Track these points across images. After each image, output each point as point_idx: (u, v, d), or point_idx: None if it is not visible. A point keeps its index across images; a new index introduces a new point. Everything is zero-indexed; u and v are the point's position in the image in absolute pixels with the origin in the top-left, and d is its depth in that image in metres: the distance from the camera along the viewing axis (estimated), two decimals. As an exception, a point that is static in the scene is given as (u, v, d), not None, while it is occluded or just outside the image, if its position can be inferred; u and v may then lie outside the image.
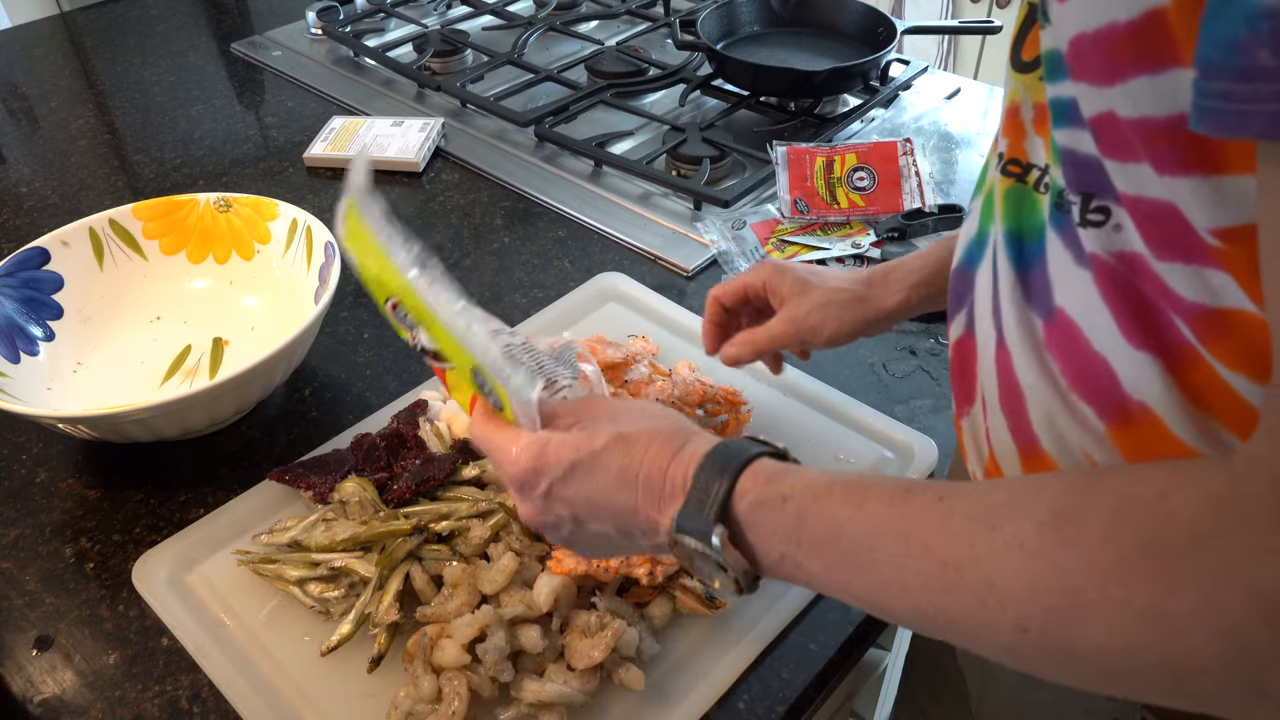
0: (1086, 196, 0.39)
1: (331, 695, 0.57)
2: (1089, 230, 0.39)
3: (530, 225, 1.01)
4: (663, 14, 1.41)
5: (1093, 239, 0.39)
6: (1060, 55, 0.37)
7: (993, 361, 0.48)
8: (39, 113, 1.26)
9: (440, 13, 1.46)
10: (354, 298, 0.91)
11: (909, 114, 1.17)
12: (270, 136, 1.19)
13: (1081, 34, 0.34)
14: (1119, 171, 0.36)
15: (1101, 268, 0.39)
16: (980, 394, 0.50)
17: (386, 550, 0.61)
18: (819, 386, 0.78)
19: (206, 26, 1.49)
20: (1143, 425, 0.40)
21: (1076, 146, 0.38)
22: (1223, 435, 0.38)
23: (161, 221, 0.87)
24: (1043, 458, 0.45)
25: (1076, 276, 0.41)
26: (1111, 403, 0.41)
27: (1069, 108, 0.38)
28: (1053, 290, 0.42)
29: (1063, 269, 0.42)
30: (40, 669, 0.61)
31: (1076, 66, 0.36)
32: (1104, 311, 0.40)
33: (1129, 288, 0.38)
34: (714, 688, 0.58)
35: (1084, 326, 0.41)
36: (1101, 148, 0.36)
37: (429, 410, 0.73)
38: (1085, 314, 0.41)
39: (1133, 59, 0.33)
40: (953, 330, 0.53)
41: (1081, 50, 0.35)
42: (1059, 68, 0.38)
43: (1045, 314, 0.43)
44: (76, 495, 0.72)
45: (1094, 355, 0.41)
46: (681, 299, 0.89)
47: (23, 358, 0.77)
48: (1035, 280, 0.44)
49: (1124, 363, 0.40)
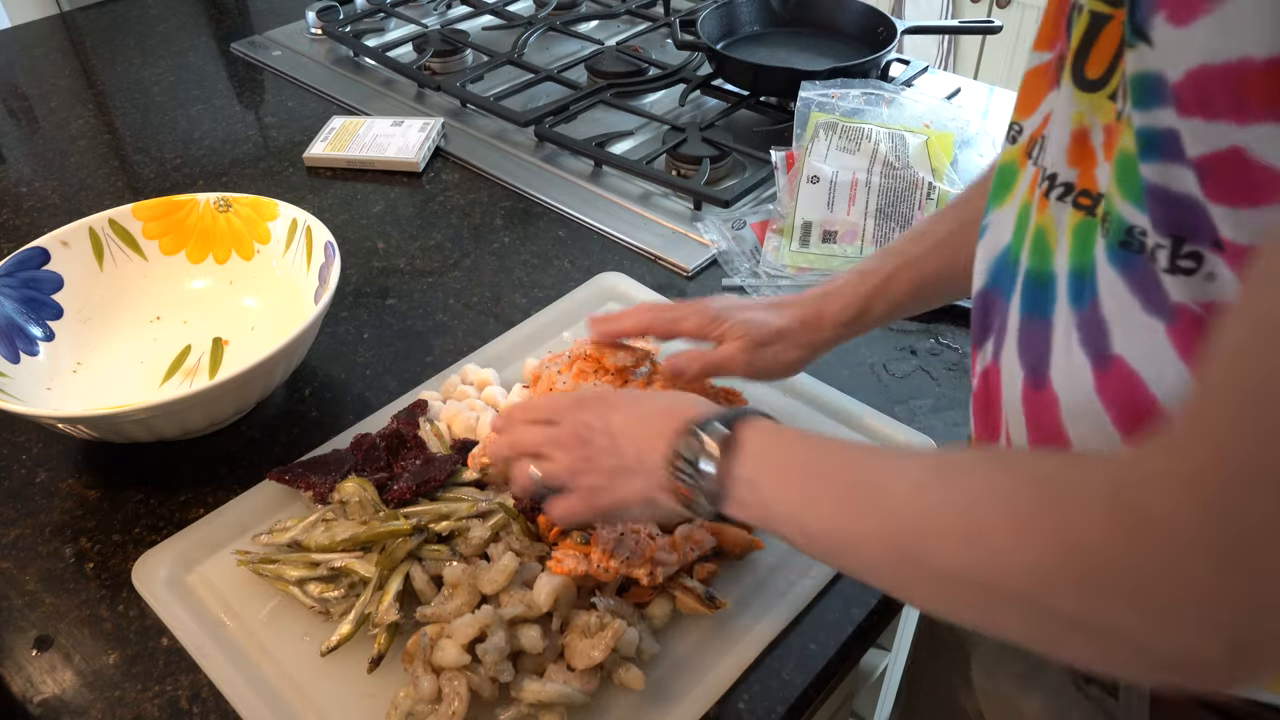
0: (1178, 240, 0.35)
1: (331, 695, 0.57)
2: (1178, 277, 0.36)
3: (530, 225, 1.01)
4: (663, 14, 1.41)
5: (1180, 287, 0.36)
6: (1164, 83, 0.33)
7: (1020, 402, 0.46)
8: (39, 113, 1.26)
9: (440, 13, 1.46)
10: (354, 298, 0.91)
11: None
12: (270, 136, 1.19)
13: (1206, 66, 0.31)
14: (1228, 217, 0.33)
15: (1189, 319, 0.36)
16: (1005, 432, 0.48)
17: (386, 550, 0.61)
18: (819, 386, 0.78)
19: (206, 26, 1.49)
20: None
21: (1170, 184, 0.35)
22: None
23: (161, 221, 0.87)
24: None
25: (1144, 324, 0.38)
26: None
27: (1166, 141, 0.34)
28: (1109, 335, 0.40)
29: (1125, 313, 0.39)
30: (40, 669, 0.61)
31: (1191, 100, 0.32)
32: (1179, 366, 0.37)
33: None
34: (714, 688, 0.58)
35: (1148, 379, 0.38)
36: (1208, 190, 0.33)
37: (429, 410, 0.73)
38: (1153, 365, 0.38)
39: (1266, 100, 0.30)
40: (979, 359, 0.51)
41: (1203, 84, 0.32)
42: (1158, 96, 0.34)
43: (1098, 360, 0.40)
44: (76, 495, 0.72)
45: (1159, 411, 0.38)
46: (681, 299, 0.89)
47: (23, 358, 0.77)
48: (1086, 320, 0.41)
49: None
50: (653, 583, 0.59)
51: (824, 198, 0.94)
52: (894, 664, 0.98)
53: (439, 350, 0.84)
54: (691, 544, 0.61)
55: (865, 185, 0.94)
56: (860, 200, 0.94)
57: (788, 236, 0.93)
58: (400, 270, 0.95)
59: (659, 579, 0.59)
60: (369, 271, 0.95)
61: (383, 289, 0.92)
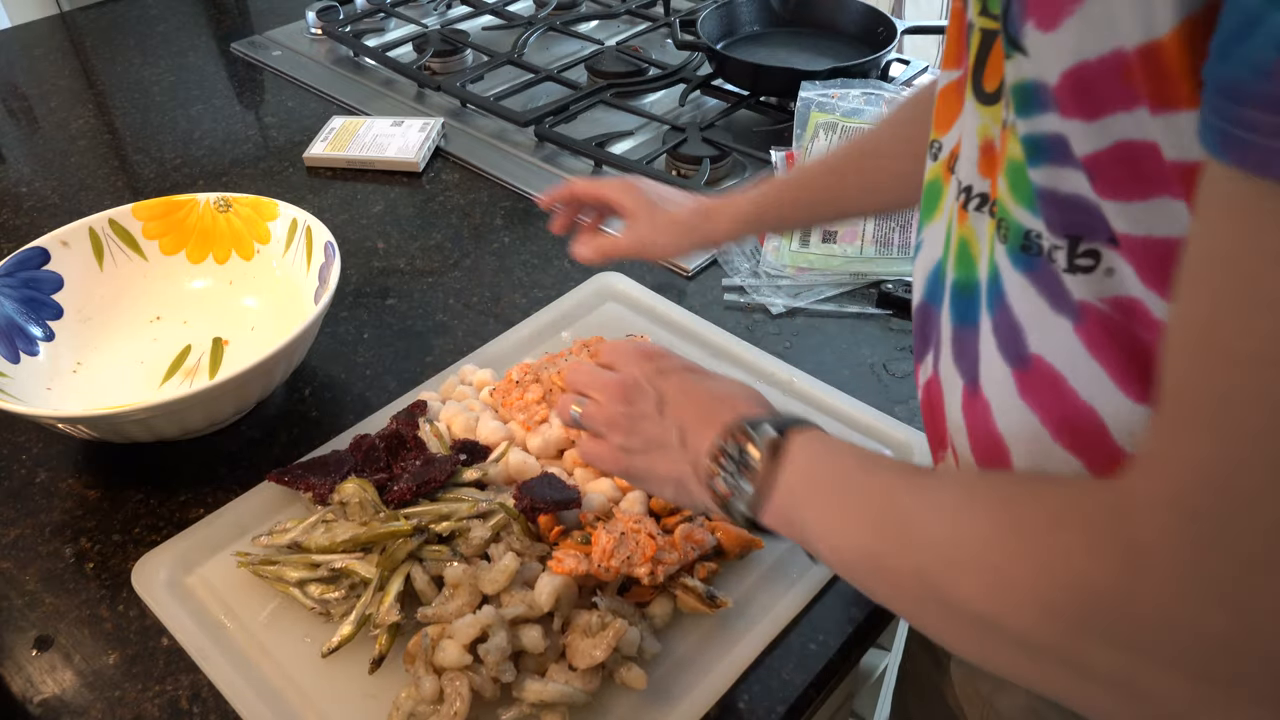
0: (1074, 240, 0.36)
1: (333, 696, 0.57)
2: (1077, 276, 0.37)
3: (530, 225, 1.01)
4: (663, 14, 1.41)
5: (1082, 285, 0.37)
6: (1044, 88, 0.34)
7: (960, 411, 0.46)
8: (39, 113, 1.26)
9: (440, 13, 1.46)
10: (354, 298, 0.91)
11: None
12: (270, 136, 1.19)
13: (1083, 64, 0.32)
14: (1120, 212, 0.34)
15: (1094, 316, 0.37)
16: (950, 442, 0.48)
17: (387, 551, 0.61)
18: (819, 386, 0.78)
19: (206, 26, 1.49)
20: None
21: (1059, 186, 0.36)
22: None
23: (161, 221, 0.87)
24: None
25: (1054, 323, 0.38)
26: (1102, 455, 0.39)
27: (1052, 145, 0.35)
28: (1024, 337, 0.40)
29: (1035, 315, 0.39)
30: (40, 669, 0.61)
31: (1071, 101, 0.33)
32: (1091, 362, 0.38)
33: (1125, 336, 0.36)
34: (715, 687, 0.58)
35: (1067, 376, 0.39)
36: (1098, 187, 0.34)
37: (428, 411, 0.73)
38: (1068, 362, 0.39)
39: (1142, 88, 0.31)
40: (920, 372, 0.52)
41: (1080, 83, 0.32)
42: (1039, 102, 0.35)
43: (1018, 362, 0.41)
44: (76, 495, 0.72)
45: (1080, 406, 0.39)
46: (681, 299, 0.89)
47: (23, 358, 0.77)
48: (1000, 325, 0.42)
49: (1117, 415, 0.38)
50: (654, 582, 0.59)
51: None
52: (894, 664, 0.97)
53: (439, 350, 0.84)
54: (692, 543, 0.61)
55: (865, 185, 0.94)
56: (860, 200, 0.93)
57: (788, 237, 0.93)
58: (400, 270, 0.95)
59: (660, 578, 0.59)
60: (369, 271, 0.95)
61: (383, 289, 0.92)
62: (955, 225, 0.45)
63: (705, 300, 0.89)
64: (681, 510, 0.64)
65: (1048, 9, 0.32)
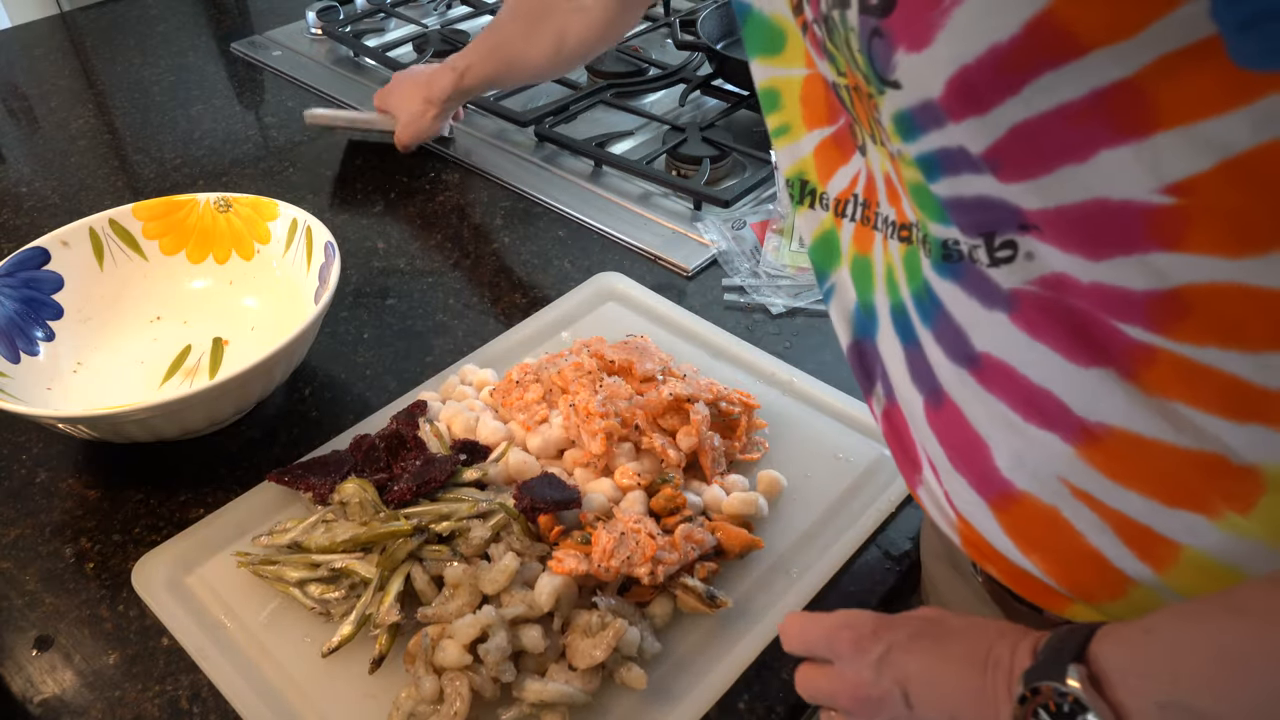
0: (988, 236, 0.38)
1: (333, 696, 0.57)
2: (1001, 268, 0.38)
3: (530, 225, 1.01)
4: (663, 14, 1.41)
5: (1008, 275, 0.39)
6: (927, 107, 0.36)
7: (926, 425, 0.47)
8: (39, 113, 1.26)
9: (440, 13, 1.46)
10: (354, 298, 0.91)
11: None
12: (270, 136, 1.19)
13: (964, 67, 0.34)
14: (1031, 191, 0.35)
15: (1027, 300, 0.39)
16: (925, 459, 0.49)
17: (387, 551, 0.61)
18: (819, 386, 0.78)
19: (206, 26, 1.49)
20: (1107, 441, 0.39)
21: (962, 192, 0.38)
22: (1192, 417, 0.37)
23: (161, 221, 0.87)
24: (1019, 498, 0.43)
25: (990, 320, 0.40)
26: (1070, 427, 0.40)
27: (944, 157, 0.37)
28: (968, 338, 0.42)
29: (971, 316, 0.41)
30: (40, 669, 0.61)
31: (960, 104, 0.35)
32: (1034, 346, 0.39)
33: (1062, 310, 0.38)
34: (715, 687, 0.58)
35: (1016, 365, 0.40)
36: (1004, 175, 0.36)
37: (428, 411, 0.73)
38: (1013, 352, 0.40)
39: (1031, 66, 0.33)
40: (874, 405, 0.53)
41: (965, 83, 0.34)
42: (921, 123, 0.37)
43: (968, 362, 0.42)
44: (76, 495, 0.72)
45: (1035, 389, 0.40)
46: (681, 299, 0.89)
47: (23, 358, 0.77)
48: (943, 333, 0.43)
49: (1072, 388, 0.39)
50: (654, 582, 0.59)
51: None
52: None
53: (439, 350, 0.84)
54: (692, 543, 0.61)
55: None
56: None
57: (788, 236, 0.93)
58: (400, 270, 0.95)
59: (660, 578, 0.59)
60: (369, 271, 0.95)
61: (383, 289, 0.92)
62: (882, 255, 0.47)
63: (705, 300, 0.89)
64: (682, 510, 0.64)
65: (915, 31, 0.34)
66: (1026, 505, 0.43)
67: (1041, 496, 0.42)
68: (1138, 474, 0.39)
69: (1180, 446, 0.37)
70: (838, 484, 0.70)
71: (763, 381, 0.79)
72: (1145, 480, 0.39)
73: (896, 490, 0.70)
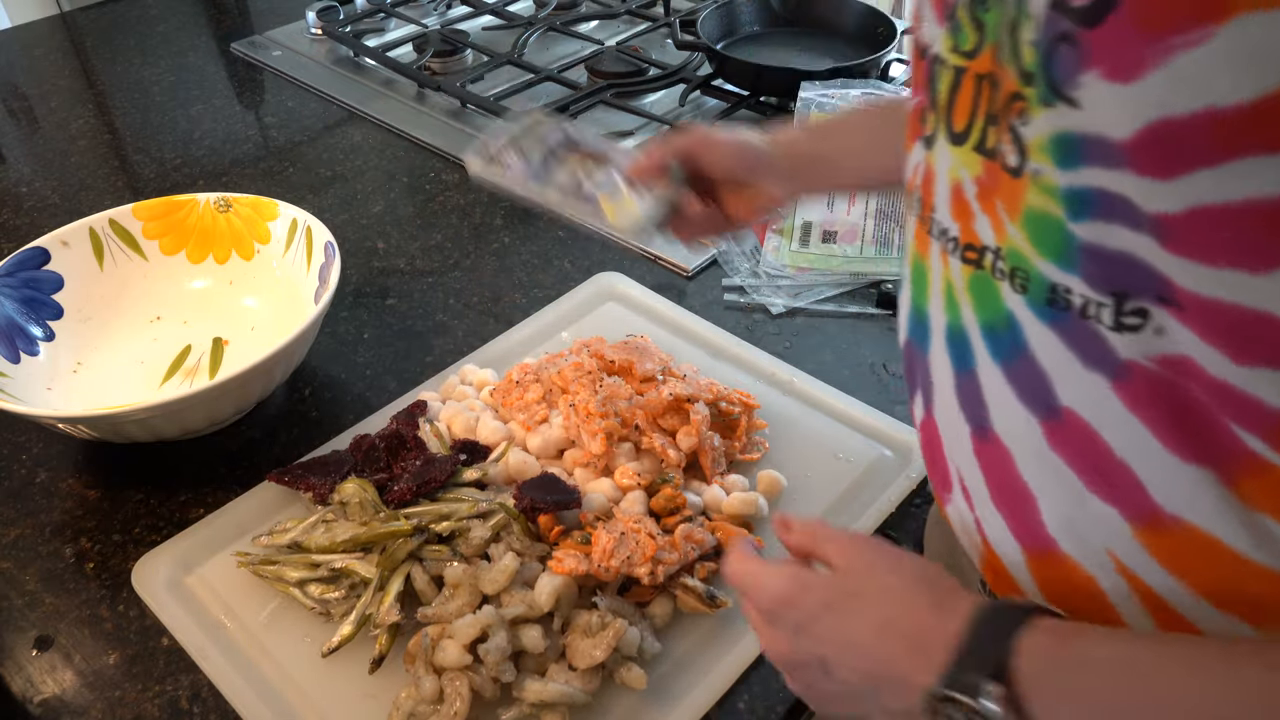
0: (1120, 296, 0.34)
1: (333, 696, 0.57)
2: (1124, 334, 0.34)
3: (530, 225, 1.01)
4: (663, 14, 1.41)
5: (1130, 343, 0.34)
6: (1103, 143, 0.32)
7: (972, 455, 0.44)
8: (39, 113, 1.26)
9: (440, 13, 1.46)
10: (354, 298, 0.91)
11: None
12: (270, 136, 1.19)
13: (1168, 119, 0.29)
14: (1193, 273, 0.31)
15: (1141, 374, 0.35)
16: (958, 483, 0.46)
17: (387, 551, 0.61)
18: (819, 386, 0.78)
19: (206, 26, 1.49)
20: (1175, 532, 0.36)
21: (1107, 242, 0.33)
22: (1276, 532, 0.34)
23: (161, 221, 0.87)
24: (1059, 559, 0.41)
25: (1086, 379, 0.36)
26: (1141, 509, 0.37)
27: (1102, 200, 0.33)
28: (1053, 388, 0.38)
29: (1064, 368, 0.37)
30: (40, 669, 0.61)
31: (1149, 158, 0.30)
32: (1131, 421, 0.36)
33: (1177, 396, 0.34)
34: (715, 687, 0.58)
35: (1102, 431, 0.37)
36: (1171, 245, 0.31)
37: (428, 411, 0.73)
38: (1104, 419, 0.37)
39: (1243, 144, 0.29)
40: (915, 409, 0.50)
41: (1163, 138, 0.30)
42: (1087, 155, 0.32)
43: (1045, 413, 0.39)
44: (76, 495, 0.72)
45: (1115, 462, 0.37)
46: (681, 299, 0.89)
47: (23, 358, 0.77)
48: (1020, 374, 0.39)
49: (1160, 475, 0.36)
50: (654, 582, 0.59)
51: (824, 198, 0.94)
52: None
53: (439, 350, 0.84)
54: (692, 543, 0.61)
55: (865, 185, 0.94)
56: (860, 200, 0.94)
57: (788, 236, 0.93)
58: (400, 270, 0.95)
59: (660, 578, 0.59)
60: (369, 271, 0.95)
61: (383, 289, 0.92)
62: (939, 268, 0.43)
63: (705, 300, 0.89)
64: (682, 510, 0.64)
65: (1123, 58, 0.30)
66: (1065, 567, 0.41)
67: (1083, 564, 0.40)
68: (1197, 571, 0.37)
69: (1255, 560, 0.35)
70: (838, 484, 0.70)
71: (763, 381, 0.79)
72: (1203, 579, 0.37)
73: (897, 490, 0.70)
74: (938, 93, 0.40)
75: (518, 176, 0.69)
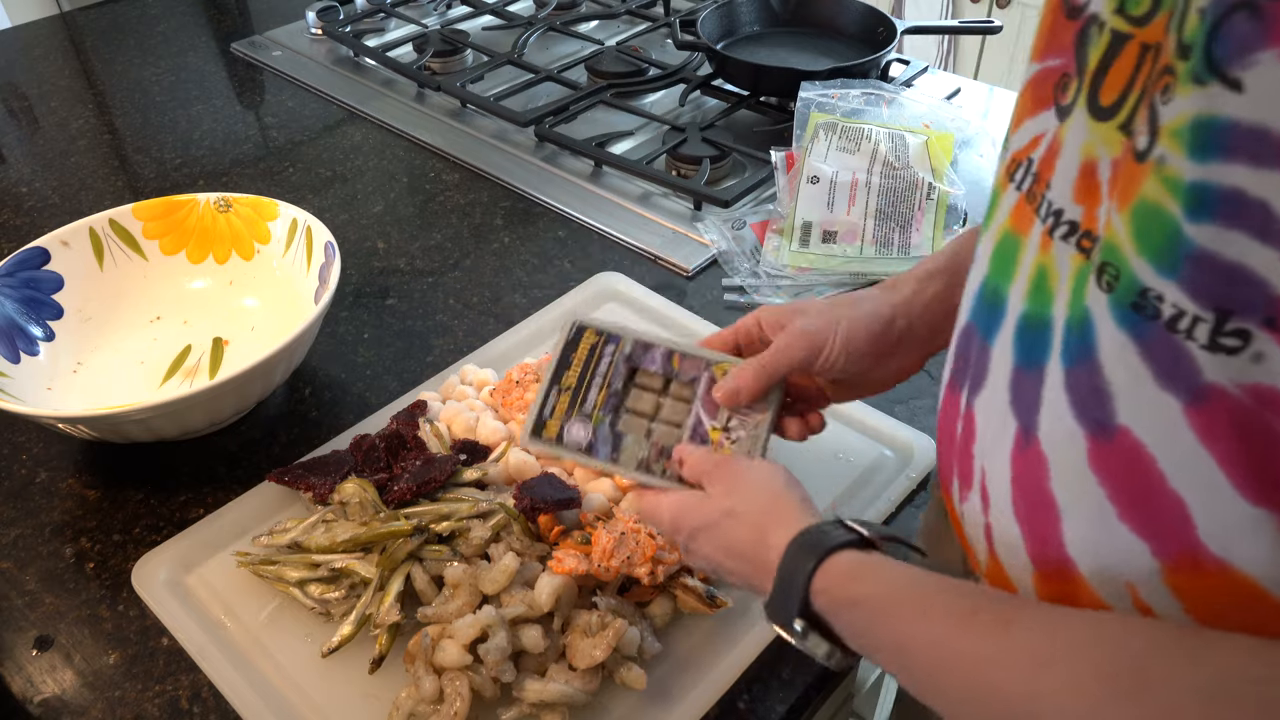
0: (1222, 314, 0.30)
1: (333, 696, 0.57)
2: (1218, 355, 0.30)
3: (530, 225, 1.01)
4: (663, 14, 1.41)
5: (1220, 366, 0.31)
6: (1259, 136, 0.28)
7: (1007, 457, 0.41)
8: (39, 113, 1.26)
9: (440, 13, 1.46)
10: (354, 298, 0.91)
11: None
12: (270, 136, 1.19)
13: None
14: None
15: (1223, 401, 0.31)
16: (979, 483, 0.44)
17: (387, 551, 0.61)
18: (819, 386, 0.78)
19: (206, 26, 1.49)
20: (1215, 577, 0.34)
21: (1223, 250, 0.29)
22: None
23: (161, 221, 0.87)
24: (1073, 580, 0.39)
25: (1156, 398, 0.33)
26: (1177, 547, 0.34)
27: (1230, 201, 0.29)
28: (1112, 403, 0.35)
29: (1134, 383, 0.33)
30: (40, 669, 0.61)
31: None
32: (1198, 450, 0.32)
33: (1259, 431, 0.31)
34: (715, 687, 0.58)
35: (1159, 458, 0.34)
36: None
37: (428, 411, 0.73)
38: (1165, 445, 0.33)
39: None
40: (957, 397, 0.46)
41: None
42: (1234, 149, 0.28)
43: (1096, 428, 0.36)
44: (76, 495, 0.72)
45: (1166, 491, 0.34)
46: (681, 299, 0.89)
47: (23, 358, 0.77)
48: (1079, 381, 0.36)
49: (1216, 512, 0.33)
50: (654, 582, 0.59)
51: (824, 198, 0.94)
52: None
53: (439, 350, 0.84)
54: (692, 544, 0.61)
55: (865, 185, 0.94)
56: (860, 200, 0.94)
57: (788, 236, 0.93)
58: (400, 270, 0.95)
59: (660, 578, 0.59)
60: (369, 271, 0.95)
61: (383, 289, 0.92)
62: (1036, 250, 0.39)
63: (705, 300, 0.89)
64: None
65: None
66: (1076, 588, 0.39)
67: (1098, 591, 0.38)
68: (1225, 619, 0.34)
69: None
70: (838, 484, 0.70)
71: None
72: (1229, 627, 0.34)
73: (896, 490, 0.70)
74: (1086, 58, 0.35)
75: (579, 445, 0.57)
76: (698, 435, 0.56)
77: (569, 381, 0.58)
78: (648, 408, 0.58)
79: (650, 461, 0.56)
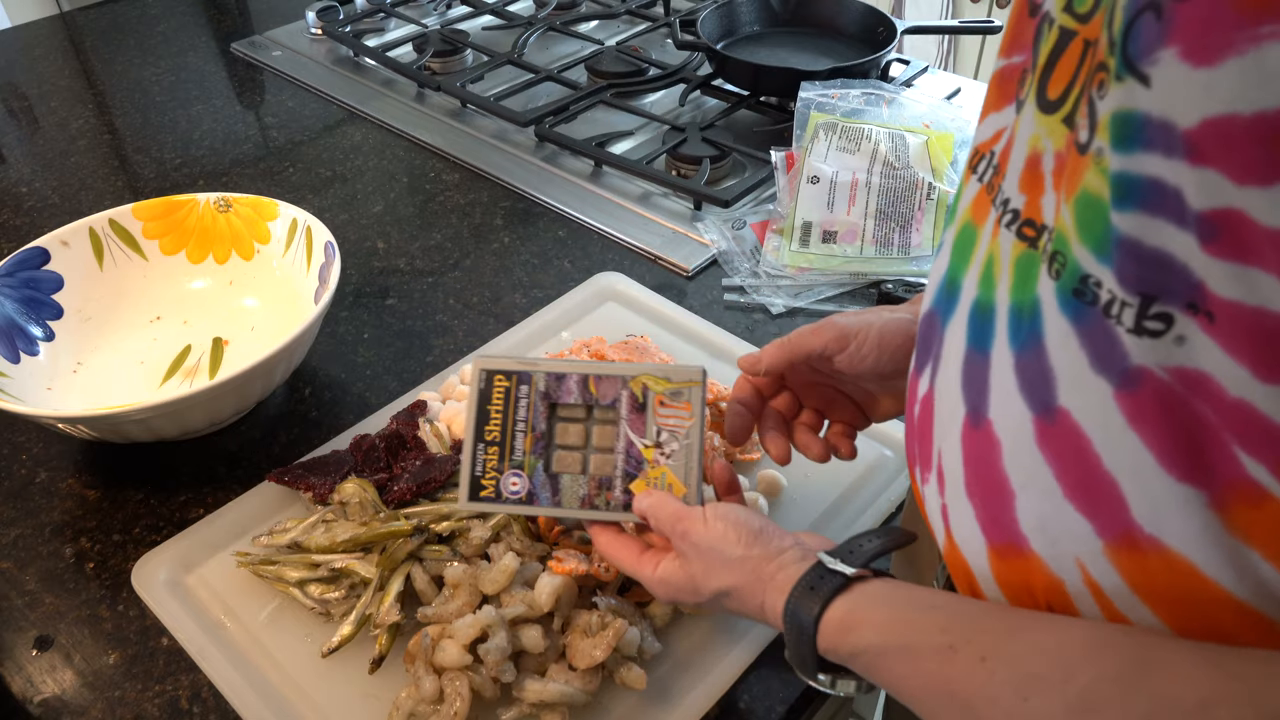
0: (1147, 299, 0.31)
1: (333, 696, 0.57)
2: (1142, 339, 0.32)
3: (530, 225, 1.01)
4: (663, 14, 1.41)
5: (1146, 350, 0.32)
6: (1167, 129, 0.29)
7: (959, 439, 0.42)
8: (39, 113, 1.26)
9: (440, 13, 1.46)
10: (354, 298, 0.91)
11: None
12: (270, 136, 1.19)
13: (1233, 116, 0.27)
14: (1232, 277, 0.29)
15: (1150, 384, 0.32)
16: (936, 465, 0.45)
17: (387, 551, 0.61)
18: (819, 386, 0.78)
19: (206, 26, 1.49)
20: (1150, 556, 0.35)
21: (1145, 238, 0.31)
22: (1262, 572, 0.33)
23: (161, 221, 0.87)
24: (1026, 557, 0.40)
25: (1092, 383, 0.34)
26: (1115, 526, 0.35)
27: (1151, 190, 0.30)
28: (1054, 385, 0.36)
29: (1073, 366, 0.35)
30: (40, 669, 0.61)
31: (1211, 150, 0.28)
32: (1127, 433, 0.33)
33: (1183, 413, 0.32)
34: (715, 687, 0.58)
35: (1094, 440, 0.35)
36: (1211, 247, 0.29)
37: (428, 411, 0.73)
38: (1098, 428, 0.35)
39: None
40: (919, 383, 0.47)
41: (1227, 136, 0.27)
42: (1149, 140, 0.30)
43: (1041, 409, 0.37)
44: (76, 495, 0.72)
45: (1102, 473, 0.35)
46: (681, 299, 0.89)
47: (23, 358, 0.77)
48: (1028, 365, 0.37)
49: (1146, 491, 0.34)
50: (653, 583, 0.59)
51: (824, 198, 0.94)
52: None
53: (439, 350, 0.84)
54: (692, 544, 0.61)
55: (865, 185, 0.94)
56: (860, 200, 0.94)
57: (788, 236, 0.93)
58: (400, 270, 0.95)
59: (660, 579, 0.59)
60: (369, 271, 0.95)
61: (383, 289, 0.92)
62: (988, 239, 0.41)
63: (705, 300, 0.89)
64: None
65: (1204, 38, 0.27)
66: (1030, 564, 0.40)
67: (1051, 566, 0.39)
68: (1165, 597, 0.35)
69: (1231, 593, 0.33)
70: (838, 484, 0.70)
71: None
72: (1170, 606, 0.35)
73: (896, 490, 0.70)
74: (1039, 54, 0.37)
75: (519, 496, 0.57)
76: (631, 457, 0.56)
77: (493, 434, 0.57)
78: (577, 439, 0.56)
79: (592, 498, 0.55)
